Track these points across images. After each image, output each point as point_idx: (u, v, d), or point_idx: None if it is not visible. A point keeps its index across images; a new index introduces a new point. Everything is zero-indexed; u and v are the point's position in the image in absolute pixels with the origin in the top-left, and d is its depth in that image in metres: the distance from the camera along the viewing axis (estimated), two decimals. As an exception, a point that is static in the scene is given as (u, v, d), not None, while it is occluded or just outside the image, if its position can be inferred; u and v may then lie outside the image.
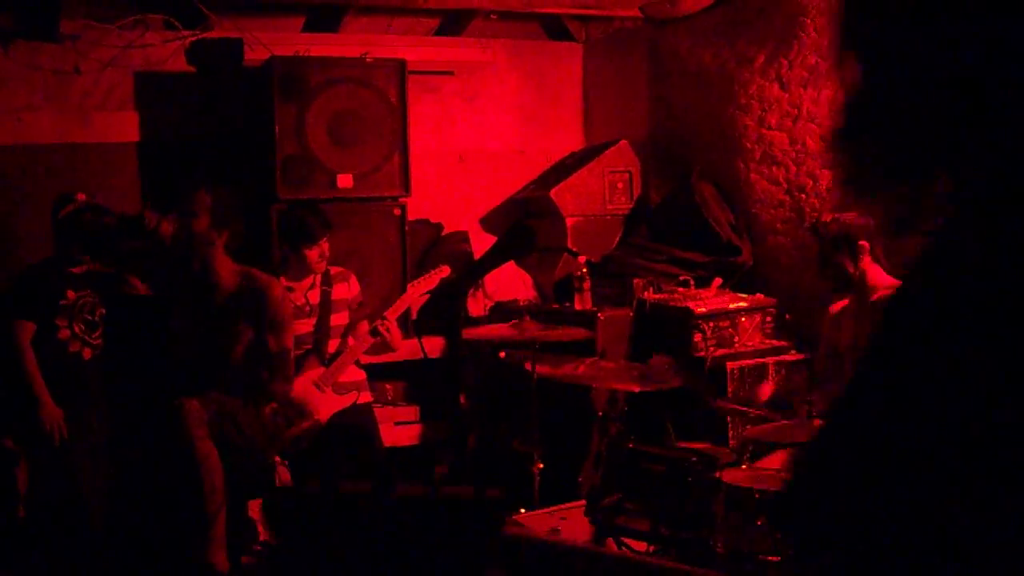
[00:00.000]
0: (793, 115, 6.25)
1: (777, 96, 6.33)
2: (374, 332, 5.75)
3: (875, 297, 4.73)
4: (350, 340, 5.83)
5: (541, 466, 5.18)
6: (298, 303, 5.70)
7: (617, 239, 7.00)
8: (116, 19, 6.55)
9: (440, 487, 4.03)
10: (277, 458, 5.60)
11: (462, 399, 6.55)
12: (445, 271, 6.03)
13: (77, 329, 5.68)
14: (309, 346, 5.73)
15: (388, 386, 6.61)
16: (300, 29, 7.10)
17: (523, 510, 4.80)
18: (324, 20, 7.06)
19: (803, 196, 6.21)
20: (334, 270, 5.87)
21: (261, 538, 5.93)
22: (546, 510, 4.73)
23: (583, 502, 4.42)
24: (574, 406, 5.50)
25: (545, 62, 7.90)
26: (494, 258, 6.26)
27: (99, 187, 6.11)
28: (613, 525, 4.22)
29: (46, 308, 5.65)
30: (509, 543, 3.80)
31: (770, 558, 3.72)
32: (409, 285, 6.03)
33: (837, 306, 5.01)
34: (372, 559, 4.05)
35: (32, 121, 6.48)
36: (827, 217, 4.91)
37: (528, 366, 5.18)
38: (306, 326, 5.72)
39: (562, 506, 4.71)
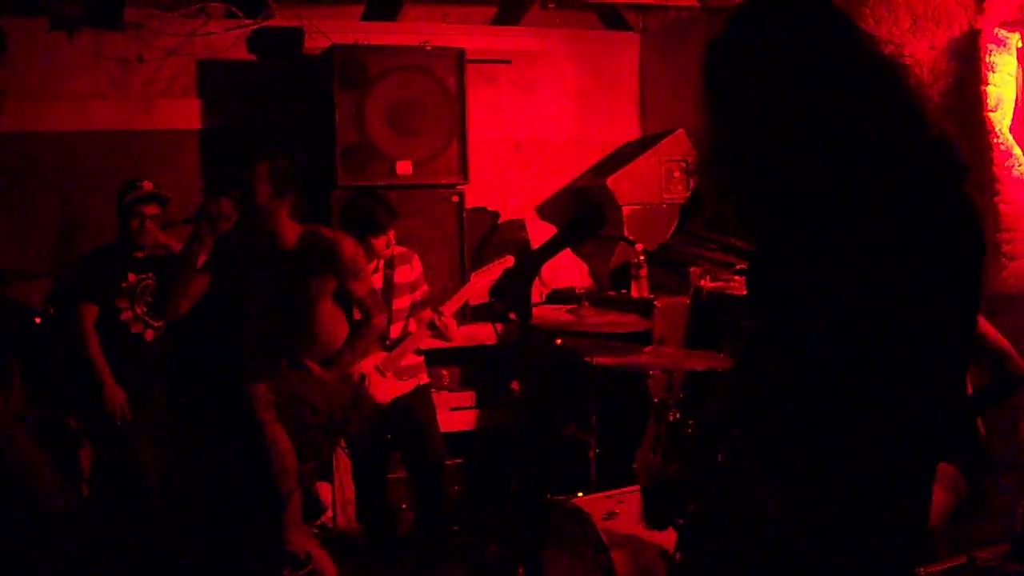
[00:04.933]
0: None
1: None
2: (431, 325, 5.74)
3: None
4: (412, 325, 5.81)
5: (598, 451, 5.18)
6: None
7: (673, 228, 6.99)
8: (178, 8, 6.64)
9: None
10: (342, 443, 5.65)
11: (515, 386, 6.56)
12: (509, 262, 5.95)
13: (139, 311, 5.77)
14: None
15: (444, 372, 6.64)
16: (359, 18, 7.17)
17: (580, 494, 4.82)
18: (383, 9, 7.12)
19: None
20: (396, 250, 5.82)
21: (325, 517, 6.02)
22: (604, 494, 4.74)
23: (639, 486, 4.42)
24: (630, 393, 5.50)
25: (602, 51, 7.90)
26: (560, 244, 6.23)
27: (162, 173, 6.20)
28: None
29: (108, 290, 5.75)
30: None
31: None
32: (472, 275, 5.97)
33: None
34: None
35: (97, 108, 6.57)
36: None
37: (584, 353, 5.17)
38: None
39: (619, 490, 4.73)
